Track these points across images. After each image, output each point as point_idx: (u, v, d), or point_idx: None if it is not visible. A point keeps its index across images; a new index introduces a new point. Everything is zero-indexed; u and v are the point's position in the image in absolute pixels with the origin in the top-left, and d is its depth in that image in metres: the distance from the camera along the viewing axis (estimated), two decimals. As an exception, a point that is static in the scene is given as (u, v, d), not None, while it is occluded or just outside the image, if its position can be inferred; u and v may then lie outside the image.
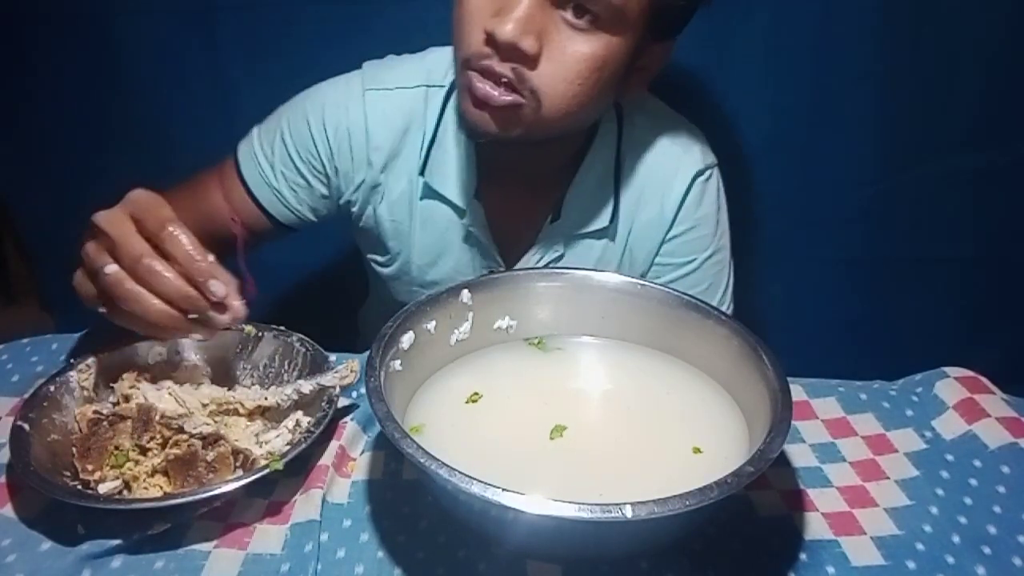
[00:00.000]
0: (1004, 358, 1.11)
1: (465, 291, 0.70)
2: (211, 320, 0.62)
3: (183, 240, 0.61)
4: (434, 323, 0.68)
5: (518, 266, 0.91)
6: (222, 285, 0.61)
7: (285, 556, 0.58)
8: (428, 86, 0.87)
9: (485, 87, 0.72)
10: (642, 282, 0.74)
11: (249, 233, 0.89)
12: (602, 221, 0.89)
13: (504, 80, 0.72)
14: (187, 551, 0.58)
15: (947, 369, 0.78)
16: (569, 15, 0.71)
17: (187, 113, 1.19)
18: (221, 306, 0.62)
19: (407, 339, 0.65)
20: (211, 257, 0.62)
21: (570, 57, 0.72)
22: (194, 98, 1.18)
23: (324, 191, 0.90)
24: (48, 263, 1.40)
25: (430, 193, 0.88)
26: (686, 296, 0.71)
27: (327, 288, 1.30)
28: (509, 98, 0.73)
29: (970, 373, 0.77)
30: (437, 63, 0.88)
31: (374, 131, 0.87)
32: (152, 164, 1.22)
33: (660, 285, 0.73)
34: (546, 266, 0.91)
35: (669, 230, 0.91)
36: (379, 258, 0.95)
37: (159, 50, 1.15)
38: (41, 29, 1.16)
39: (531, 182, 0.88)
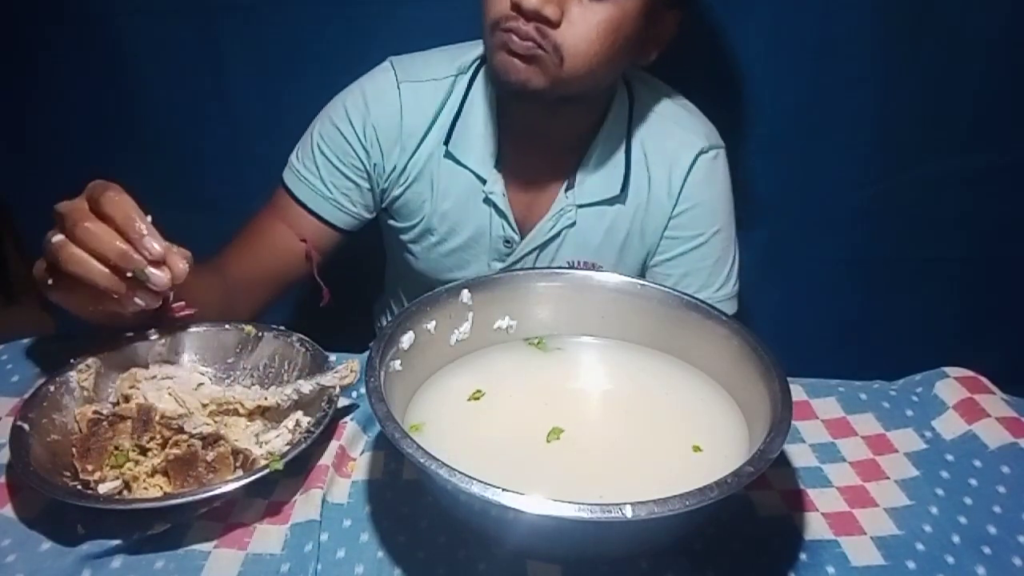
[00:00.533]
0: (1004, 358, 1.11)
1: (465, 291, 0.70)
2: (150, 278, 0.63)
3: (120, 202, 0.63)
4: (434, 323, 0.68)
5: (534, 232, 0.97)
6: (157, 244, 0.63)
7: (285, 556, 0.58)
8: (457, 75, 0.95)
9: (518, 39, 0.80)
10: (642, 282, 0.74)
11: (317, 250, 0.97)
12: (613, 189, 0.95)
13: (529, 37, 0.79)
14: (187, 551, 0.58)
15: (947, 369, 0.78)
16: None
17: (187, 113, 1.19)
18: (160, 268, 0.64)
19: (407, 339, 0.65)
20: (148, 218, 0.63)
21: (589, 22, 0.80)
22: (194, 98, 1.18)
23: (368, 185, 0.97)
24: (48, 263, 1.40)
25: (454, 162, 0.94)
26: (686, 296, 0.71)
27: (339, 286, 1.30)
28: (534, 48, 0.80)
29: (970, 373, 0.77)
30: (465, 55, 0.96)
31: (409, 118, 0.94)
32: (153, 164, 1.22)
33: (660, 285, 0.73)
34: (559, 233, 0.97)
35: (675, 206, 0.97)
36: (402, 224, 1.01)
37: (159, 50, 1.15)
38: (41, 29, 1.16)
39: (548, 153, 0.95)
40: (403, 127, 0.94)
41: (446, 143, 0.94)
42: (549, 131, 0.93)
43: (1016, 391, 0.77)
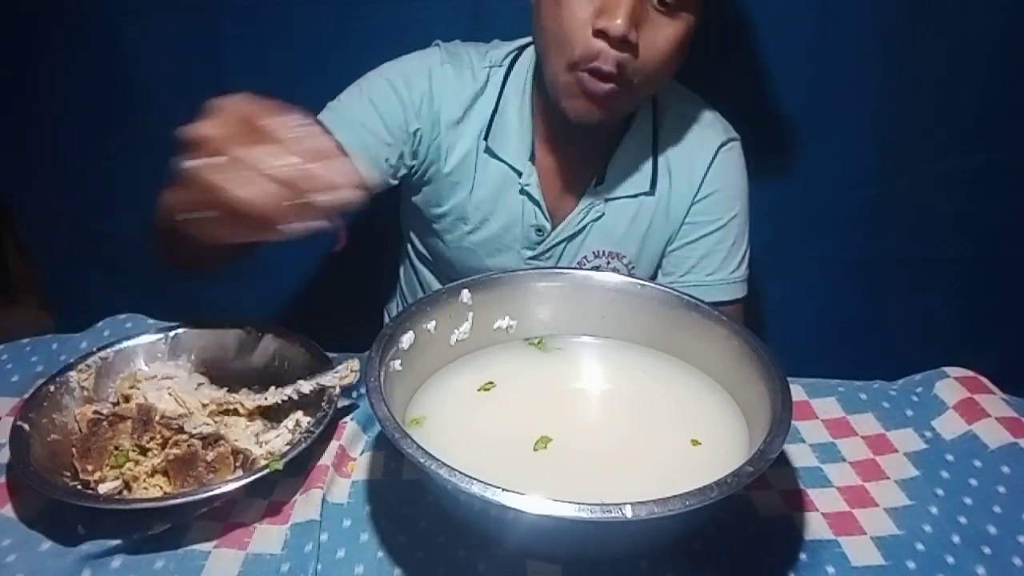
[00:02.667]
0: (1004, 358, 1.11)
1: (465, 291, 0.70)
2: (316, 202, 0.56)
3: (287, 120, 0.57)
4: (434, 323, 0.68)
5: (564, 223, 1.00)
6: (346, 165, 0.57)
7: (285, 556, 0.58)
8: (491, 67, 0.98)
9: (596, 85, 0.83)
10: (642, 282, 0.74)
11: None
12: (641, 186, 0.99)
13: (611, 78, 0.83)
14: (187, 551, 0.58)
15: (947, 369, 0.78)
16: (656, 3, 0.82)
17: (187, 113, 1.19)
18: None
19: (407, 339, 0.65)
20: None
21: (662, 41, 0.84)
22: (194, 98, 1.18)
23: (400, 149, 0.96)
24: (48, 263, 1.40)
25: (491, 155, 0.98)
26: (686, 296, 0.71)
27: (342, 286, 1.30)
28: (615, 89, 0.84)
29: (970, 373, 0.77)
30: (498, 51, 0.99)
31: (449, 99, 0.96)
32: (152, 164, 1.22)
33: (660, 285, 0.73)
34: (587, 225, 1.00)
35: (697, 193, 1.01)
36: (436, 211, 1.02)
37: (159, 50, 1.15)
38: (41, 29, 1.16)
39: (578, 150, 0.99)
40: (444, 104, 0.96)
41: (485, 138, 0.97)
42: (582, 132, 0.97)
43: (1016, 391, 0.77)
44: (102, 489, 0.60)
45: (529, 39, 0.98)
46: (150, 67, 1.17)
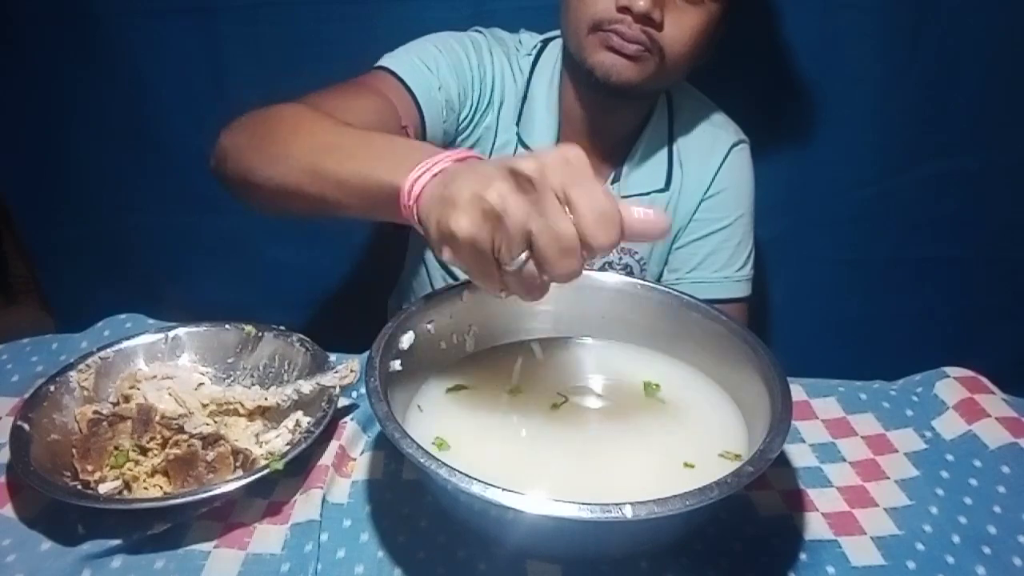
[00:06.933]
0: (1004, 358, 1.11)
1: (465, 291, 0.70)
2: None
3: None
4: (434, 323, 0.68)
5: None
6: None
7: (285, 556, 0.58)
8: (520, 54, 1.00)
9: (623, 41, 0.85)
10: (642, 282, 0.73)
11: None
12: (656, 183, 1.02)
13: (638, 39, 0.85)
14: (187, 551, 0.58)
15: (947, 369, 0.78)
16: None
17: (187, 113, 1.19)
18: None
19: (407, 339, 0.65)
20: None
21: (686, 25, 0.87)
22: (194, 98, 1.18)
23: (456, 100, 0.95)
24: (48, 263, 1.40)
25: (520, 144, 1.00)
26: (686, 296, 0.71)
27: (345, 285, 1.30)
28: (641, 50, 0.86)
29: (970, 373, 0.77)
30: (528, 40, 1.02)
31: (498, 84, 0.98)
32: (152, 164, 1.22)
33: (659, 285, 0.73)
34: None
35: (707, 190, 1.03)
36: None
37: (159, 50, 1.15)
38: (41, 29, 1.16)
39: (599, 146, 1.01)
40: (494, 89, 0.98)
41: (517, 124, 0.98)
42: (601, 126, 0.99)
43: (1016, 391, 0.77)
44: (102, 489, 0.60)
45: (556, 32, 0.99)
46: (150, 67, 1.17)
